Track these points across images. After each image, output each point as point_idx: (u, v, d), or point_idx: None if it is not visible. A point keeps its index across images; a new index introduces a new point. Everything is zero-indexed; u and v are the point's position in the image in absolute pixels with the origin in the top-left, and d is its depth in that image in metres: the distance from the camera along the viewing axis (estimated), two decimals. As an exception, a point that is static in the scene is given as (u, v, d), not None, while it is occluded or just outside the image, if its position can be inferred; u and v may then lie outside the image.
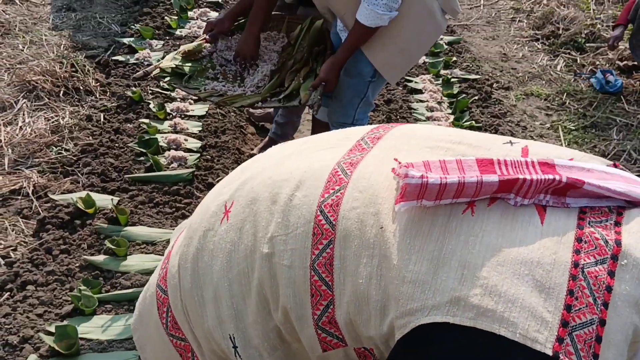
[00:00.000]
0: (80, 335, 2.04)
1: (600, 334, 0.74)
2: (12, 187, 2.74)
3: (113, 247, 2.38)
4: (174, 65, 2.60)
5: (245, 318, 1.02)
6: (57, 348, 1.96)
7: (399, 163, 0.86)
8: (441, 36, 4.78)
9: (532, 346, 0.73)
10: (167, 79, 2.60)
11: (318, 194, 0.96)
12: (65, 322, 2.08)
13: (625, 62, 4.40)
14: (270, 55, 2.70)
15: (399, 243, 0.84)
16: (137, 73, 2.72)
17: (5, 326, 2.07)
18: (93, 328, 2.10)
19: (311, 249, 0.93)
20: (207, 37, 2.68)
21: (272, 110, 3.52)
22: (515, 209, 0.84)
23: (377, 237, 0.87)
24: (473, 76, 4.24)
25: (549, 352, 0.72)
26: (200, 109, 3.47)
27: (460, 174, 0.83)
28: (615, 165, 0.92)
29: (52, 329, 2.04)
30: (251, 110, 3.63)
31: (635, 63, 4.28)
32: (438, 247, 0.81)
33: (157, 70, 2.59)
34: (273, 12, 2.71)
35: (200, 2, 4.83)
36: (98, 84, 3.55)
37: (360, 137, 1.08)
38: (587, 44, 4.72)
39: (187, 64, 2.63)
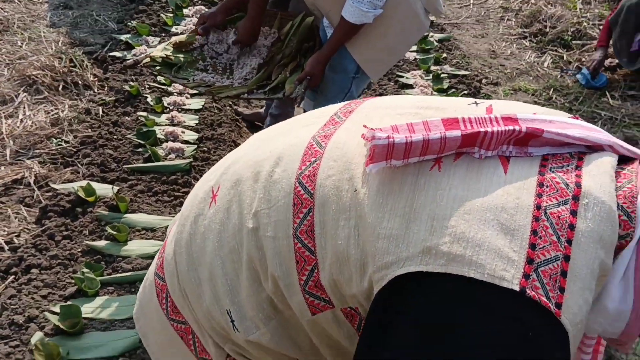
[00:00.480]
0: (83, 315, 2.11)
1: (566, 269, 0.78)
2: (14, 177, 2.81)
3: (114, 232, 2.45)
4: (165, 55, 2.63)
5: (239, 293, 1.07)
6: (61, 326, 2.04)
7: (367, 128, 0.90)
8: (432, 34, 4.89)
9: (500, 284, 0.77)
10: (157, 68, 2.61)
11: (295, 167, 1.01)
12: (69, 303, 2.16)
13: (610, 60, 4.51)
14: (260, 49, 2.75)
15: (372, 203, 0.89)
16: (128, 61, 2.77)
17: (11, 307, 2.14)
18: (96, 308, 2.17)
19: (293, 218, 0.98)
20: (200, 29, 2.74)
21: (262, 110, 3.60)
22: (480, 162, 0.88)
23: (352, 200, 0.92)
24: (463, 72, 4.34)
25: (516, 288, 0.76)
26: (196, 103, 3.55)
27: (425, 133, 0.87)
28: (576, 118, 0.96)
29: (56, 309, 2.11)
30: (240, 110, 3.71)
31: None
32: (409, 204, 0.86)
33: (148, 59, 2.63)
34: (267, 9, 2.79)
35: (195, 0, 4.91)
36: (96, 79, 3.63)
37: (334, 112, 1.13)
38: (574, 42, 4.83)
39: (178, 55, 2.69)
